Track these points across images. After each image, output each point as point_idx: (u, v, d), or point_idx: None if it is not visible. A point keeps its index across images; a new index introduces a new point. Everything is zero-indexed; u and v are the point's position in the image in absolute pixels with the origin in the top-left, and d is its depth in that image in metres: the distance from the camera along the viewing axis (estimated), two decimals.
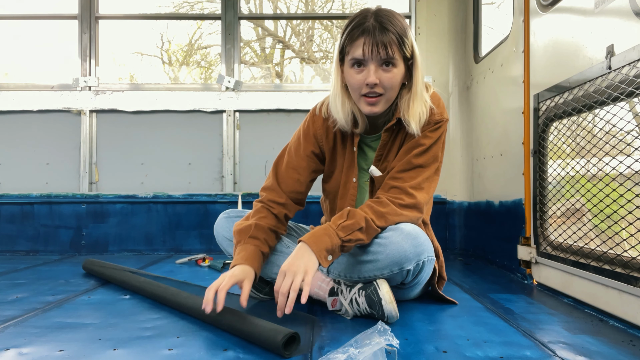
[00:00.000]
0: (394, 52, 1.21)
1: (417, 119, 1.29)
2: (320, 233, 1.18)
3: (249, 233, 1.30)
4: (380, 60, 1.22)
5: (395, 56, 1.22)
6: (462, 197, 2.71)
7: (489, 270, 2.10)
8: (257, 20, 5.75)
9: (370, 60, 1.22)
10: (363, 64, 1.23)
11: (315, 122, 1.42)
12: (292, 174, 1.42)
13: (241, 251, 1.27)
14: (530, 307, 1.44)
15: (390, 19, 1.22)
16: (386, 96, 1.26)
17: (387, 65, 1.23)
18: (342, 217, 1.21)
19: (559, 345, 1.07)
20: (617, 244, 1.26)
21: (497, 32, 2.42)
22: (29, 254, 2.72)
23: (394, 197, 1.29)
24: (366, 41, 1.20)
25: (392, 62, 1.22)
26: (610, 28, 1.30)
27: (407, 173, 1.31)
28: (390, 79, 1.23)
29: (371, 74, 1.22)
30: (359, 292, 1.27)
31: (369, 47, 1.20)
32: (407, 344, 1.08)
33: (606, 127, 1.31)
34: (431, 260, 1.31)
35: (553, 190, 1.62)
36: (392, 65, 1.23)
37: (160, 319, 1.30)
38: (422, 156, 1.32)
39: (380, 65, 1.22)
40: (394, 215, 1.26)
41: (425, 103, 1.31)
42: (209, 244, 2.73)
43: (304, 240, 1.17)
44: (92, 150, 2.81)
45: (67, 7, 2.92)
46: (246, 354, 1.02)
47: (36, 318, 1.32)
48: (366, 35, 1.20)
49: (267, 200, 1.40)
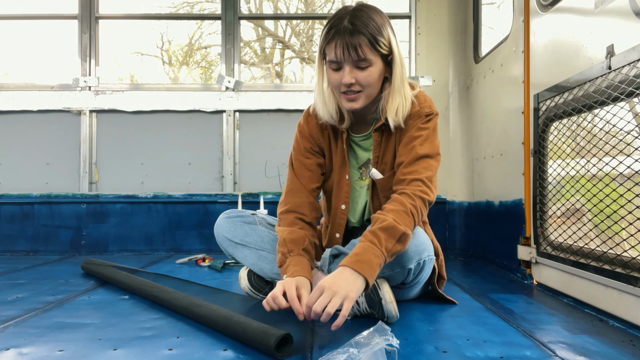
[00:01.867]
0: (365, 53, 1.22)
1: (394, 112, 1.31)
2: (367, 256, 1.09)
3: (302, 245, 1.30)
4: (353, 61, 1.24)
5: (368, 56, 1.23)
6: (462, 197, 2.71)
7: (489, 270, 2.10)
8: (257, 20, 5.75)
9: (344, 62, 1.24)
10: (339, 65, 1.26)
11: (309, 122, 1.45)
12: (304, 172, 1.43)
13: (297, 263, 1.24)
14: (530, 307, 1.43)
15: (364, 19, 1.22)
16: (365, 93, 1.28)
17: (362, 65, 1.25)
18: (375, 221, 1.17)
19: (559, 345, 1.07)
20: (617, 244, 1.25)
21: (497, 32, 2.42)
22: (29, 254, 2.72)
23: (421, 191, 1.25)
24: (338, 43, 1.22)
25: (365, 64, 1.24)
26: (610, 28, 1.30)
27: (418, 164, 1.30)
28: (365, 77, 1.25)
29: (346, 75, 1.25)
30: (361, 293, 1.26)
31: (340, 49, 1.22)
32: (407, 344, 1.08)
33: (606, 127, 1.30)
34: (431, 259, 1.31)
35: (553, 190, 1.62)
36: (367, 64, 1.25)
37: (160, 319, 1.30)
38: (424, 145, 1.32)
39: (355, 65, 1.25)
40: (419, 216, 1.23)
41: (405, 97, 1.32)
42: (209, 243, 2.73)
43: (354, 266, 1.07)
44: (92, 150, 2.81)
45: (67, 7, 2.92)
46: (246, 354, 1.02)
47: (36, 318, 1.32)
48: (338, 37, 1.22)
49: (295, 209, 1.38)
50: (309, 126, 1.45)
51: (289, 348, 1.01)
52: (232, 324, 1.11)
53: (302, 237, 1.31)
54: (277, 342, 0.99)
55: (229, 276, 2.00)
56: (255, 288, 1.51)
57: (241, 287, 1.54)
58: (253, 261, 1.46)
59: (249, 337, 1.05)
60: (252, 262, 1.47)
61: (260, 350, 1.02)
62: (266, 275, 1.46)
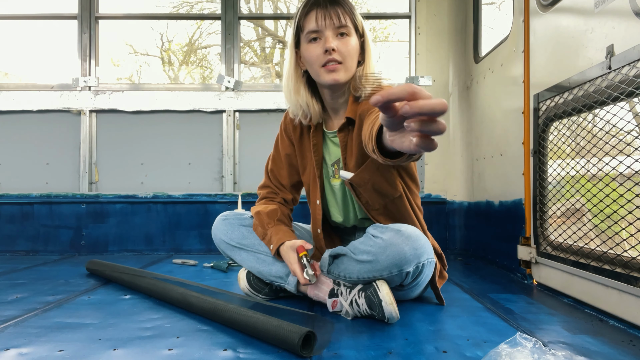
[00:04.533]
0: (346, 20, 1.27)
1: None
2: None
3: (276, 216, 1.43)
4: (335, 29, 1.27)
5: (349, 24, 1.28)
6: (462, 197, 2.71)
7: (489, 270, 2.10)
8: (257, 20, 5.75)
9: (325, 29, 1.27)
10: (319, 36, 1.28)
11: (286, 117, 1.51)
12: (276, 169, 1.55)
13: (278, 232, 1.37)
14: (530, 307, 1.44)
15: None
16: (345, 65, 1.29)
17: (342, 35, 1.28)
18: None
19: (559, 345, 1.07)
20: (617, 244, 1.26)
21: (497, 32, 2.42)
22: (28, 254, 2.72)
23: None
24: (318, 13, 1.26)
25: (346, 31, 1.28)
26: (610, 28, 1.30)
27: None
28: (346, 45, 1.28)
29: (329, 39, 1.26)
30: (359, 294, 1.27)
31: (321, 17, 1.26)
32: (407, 344, 1.08)
33: (606, 127, 1.30)
34: (431, 262, 1.31)
35: (553, 190, 1.62)
36: (347, 34, 1.28)
37: (160, 319, 1.30)
38: None
39: (336, 34, 1.28)
40: None
41: None
42: (209, 243, 2.72)
43: None
44: (92, 150, 2.81)
45: (66, 7, 2.92)
46: (246, 353, 1.03)
47: (36, 318, 1.32)
48: (317, 8, 1.27)
49: (267, 194, 1.54)
50: (285, 121, 1.51)
51: (313, 345, 1.02)
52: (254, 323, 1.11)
53: (274, 209, 1.43)
54: (302, 340, 0.99)
55: (229, 276, 1.99)
56: (254, 289, 1.52)
57: (240, 287, 1.55)
58: (251, 264, 1.46)
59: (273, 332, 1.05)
60: (250, 264, 1.47)
61: (284, 348, 1.03)
62: (265, 278, 1.46)
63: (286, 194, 1.54)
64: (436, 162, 2.80)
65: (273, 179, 1.55)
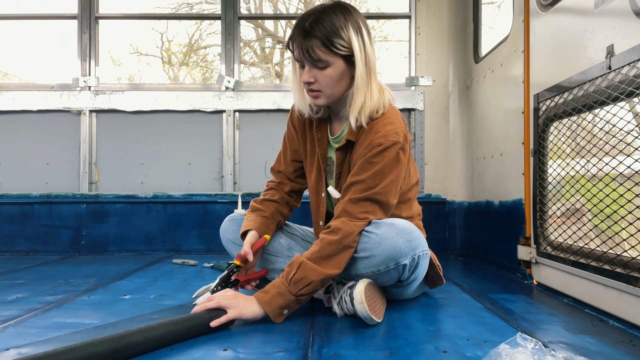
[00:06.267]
0: (318, 55, 1.24)
1: (356, 111, 1.29)
2: (274, 292, 1.20)
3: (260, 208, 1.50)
4: (310, 62, 1.26)
5: (323, 58, 1.24)
6: (462, 197, 2.71)
7: (489, 270, 2.10)
8: (257, 20, 5.75)
9: (303, 61, 1.27)
10: (301, 62, 1.29)
11: (293, 111, 1.51)
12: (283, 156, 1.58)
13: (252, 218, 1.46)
14: (530, 307, 1.44)
15: (323, 21, 1.24)
16: (325, 93, 1.30)
17: (319, 66, 1.26)
18: (292, 267, 1.21)
19: (559, 345, 1.07)
20: (617, 244, 1.25)
21: (497, 31, 2.42)
22: (28, 254, 2.71)
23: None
24: (296, 45, 1.26)
25: (321, 65, 1.26)
26: (610, 28, 1.30)
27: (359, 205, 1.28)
28: (324, 77, 1.27)
29: (304, 73, 1.28)
30: (346, 291, 1.27)
31: (297, 51, 1.26)
32: (407, 344, 1.08)
33: (606, 127, 1.30)
34: (426, 254, 1.31)
35: (553, 190, 1.61)
36: (324, 65, 1.26)
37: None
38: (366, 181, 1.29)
39: (314, 65, 1.27)
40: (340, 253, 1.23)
41: (371, 95, 1.30)
42: (209, 244, 2.72)
43: (258, 298, 1.20)
44: (92, 150, 2.81)
45: (66, 7, 2.91)
46: (246, 353, 1.02)
47: (36, 318, 1.31)
48: (295, 39, 1.26)
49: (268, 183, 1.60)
50: (292, 113, 1.52)
51: None
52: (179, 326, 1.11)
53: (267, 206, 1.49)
54: None
55: None
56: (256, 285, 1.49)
57: None
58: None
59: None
60: None
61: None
62: (269, 276, 1.48)
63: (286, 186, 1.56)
64: (436, 162, 2.80)
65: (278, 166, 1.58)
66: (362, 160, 1.28)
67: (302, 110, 1.42)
